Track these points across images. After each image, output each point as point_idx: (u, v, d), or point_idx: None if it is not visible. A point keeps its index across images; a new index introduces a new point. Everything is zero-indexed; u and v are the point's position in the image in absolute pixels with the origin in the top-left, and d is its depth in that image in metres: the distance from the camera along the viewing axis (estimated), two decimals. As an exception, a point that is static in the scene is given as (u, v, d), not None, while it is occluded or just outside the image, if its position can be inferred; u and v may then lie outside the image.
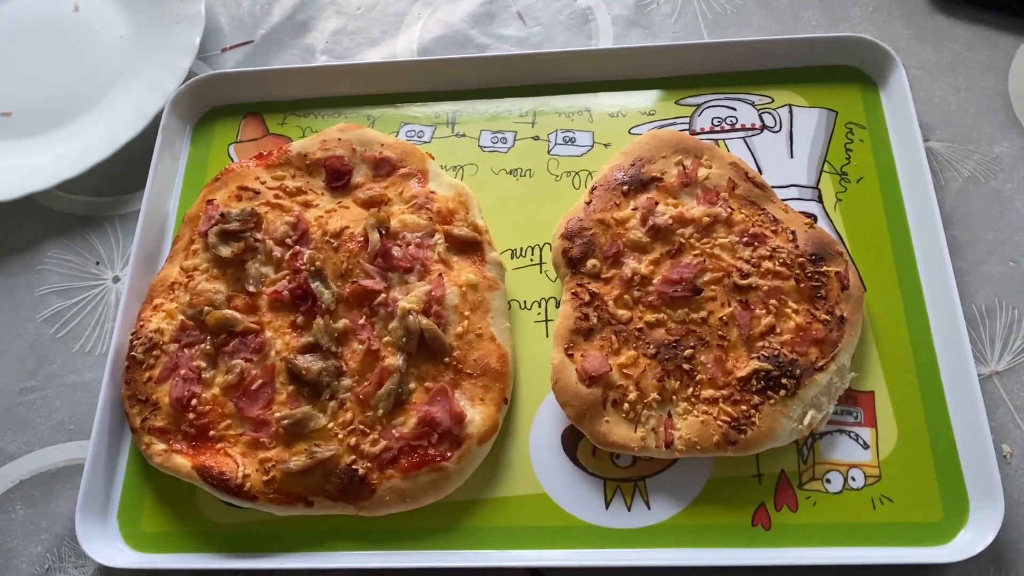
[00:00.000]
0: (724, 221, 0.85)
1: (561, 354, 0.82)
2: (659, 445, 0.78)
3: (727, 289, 0.82)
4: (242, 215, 0.90)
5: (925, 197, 0.87)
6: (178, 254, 0.93)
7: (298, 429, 0.81)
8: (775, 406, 0.77)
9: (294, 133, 1.04)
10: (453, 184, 0.93)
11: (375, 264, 0.87)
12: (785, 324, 0.80)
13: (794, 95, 0.99)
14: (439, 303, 0.85)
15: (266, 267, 0.89)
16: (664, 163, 0.89)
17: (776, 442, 0.77)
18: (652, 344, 0.81)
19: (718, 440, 0.77)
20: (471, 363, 0.83)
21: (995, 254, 0.89)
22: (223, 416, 0.83)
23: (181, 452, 0.82)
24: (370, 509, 0.79)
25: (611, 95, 1.02)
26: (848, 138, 0.95)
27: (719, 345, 0.80)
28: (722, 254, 0.84)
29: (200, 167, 1.03)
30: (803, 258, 0.83)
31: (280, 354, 0.85)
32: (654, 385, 0.79)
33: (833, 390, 0.79)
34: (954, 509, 0.76)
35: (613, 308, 0.83)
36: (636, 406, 0.79)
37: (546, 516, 0.80)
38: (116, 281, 0.99)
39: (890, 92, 0.96)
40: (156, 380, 0.85)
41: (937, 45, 1.03)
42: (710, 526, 0.78)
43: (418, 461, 0.79)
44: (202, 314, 0.86)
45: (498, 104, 1.03)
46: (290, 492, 0.79)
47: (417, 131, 1.02)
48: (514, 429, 0.84)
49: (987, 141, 0.96)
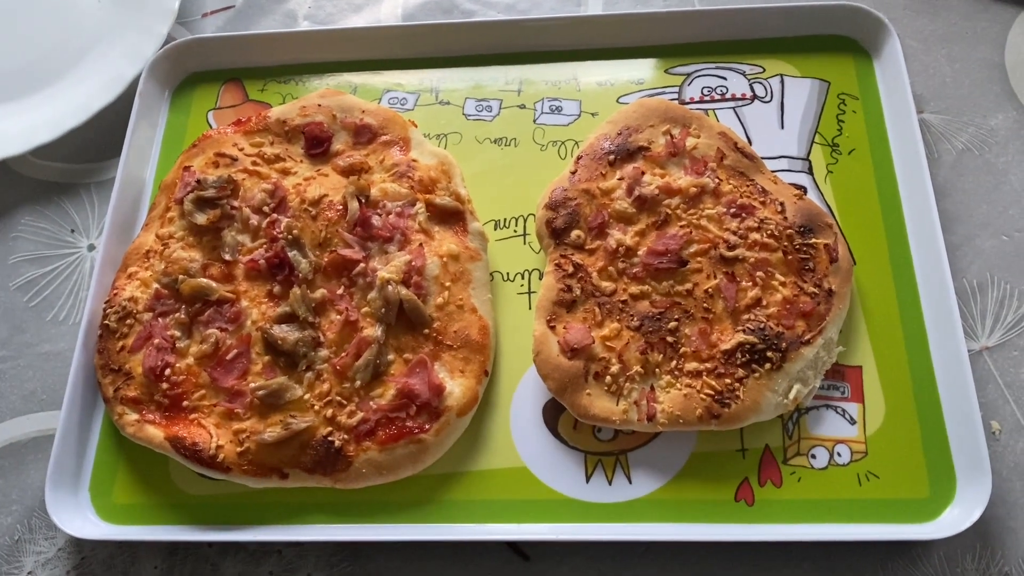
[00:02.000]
0: (711, 192, 0.83)
1: (543, 326, 0.80)
2: (641, 419, 0.76)
3: (713, 261, 0.80)
4: (219, 182, 0.88)
5: (918, 169, 0.85)
6: (154, 222, 0.91)
7: (273, 400, 0.79)
8: (760, 380, 0.76)
9: (274, 100, 1.01)
10: (436, 152, 0.91)
11: (354, 233, 0.85)
12: (772, 297, 0.79)
13: (786, 65, 0.97)
14: (419, 273, 0.83)
15: (242, 235, 0.87)
16: (651, 132, 0.87)
17: (760, 416, 0.76)
18: (636, 316, 0.79)
19: (701, 414, 0.75)
20: (451, 335, 0.81)
21: (988, 228, 0.88)
22: (197, 386, 0.81)
23: (154, 422, 0.80)
24: (346, 481, 0.78)
25: (599, 64, 0.99)
26: (840, 109, 0.93)
27: (704, 318, 0.79)
28: (709, 225, 0.82)
29: (178, 134, 1.01)
30: (791, 230, 0.81)
31: (256, 324, 0.83)
32: (637, 358, 0.78)
33: (820, 364, 0.78)
34: (941, 486, 0.75)
35: (597, 280, 0.81)
36: (618, 379, 0.77)
37: (526, 490, 0.78)
38: (91, 249, 0.97)
39: (884, 62, 0.94)
40: (129, 349, 0.83)
41: (932, 15, 1.01)
42: (692, 501, 0.76)
43: (396, 433, 0.77)
44: (177, 283, 0.84)
45: (483, 72, 1.00)
46: (264, 464, 0.78)
47: (400, 98, 1.00)
48: (494, 402, 0.82)
49: (982, 113, 0.94)
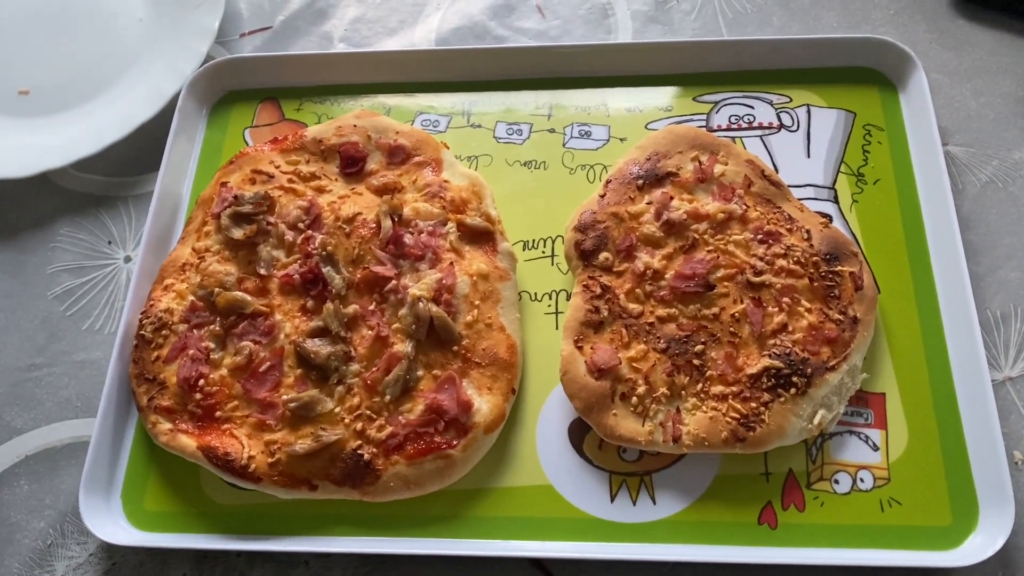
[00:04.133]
0: (739, 218, 0.85)
1: (571, 346, 0.81)
2: (667, 440, 0.77)
3: (740, 286, 0.82)
4: (255, 198, 0.90)
5: (942, 201, 0.87)
6: (190, 235, 0.93)
7: (305, 412, 0.81)
8: (785, 404, 0.77)
9: (310, 119, 1.04)
10: (467, 174, 0.93)
11: (387, 251, 0.87)
12: (797, 323, 0.80)
13: (812, 95, 0.98)
14: (450, 291, 0.84)
15: (278, 250, 0.89)
16: (680, 158, 0.89)
17: (785, 441, 0.77)
18: (662, 339, 0.80)
19: (726, 436, 0.76)
20: (480, 352, 0.83)
21: (1012, 260, 0.89)
22: (230, 397, 0.83)
23: (187, 432, 0.82)
24: (374, 495, 0.79)
25: (628, 90, 1.01)
26: (866, 140, 0.95)
27: (730, 342, 0.80)
28: (736, 251, 0.83)
29: (215, 150, 1.03)
30: (817, 257, 0.82)
31: (289, 337, 0.84)
32: (663, 380, 0.79)
33: (844, 390, 0.79)
34: (963, 514, 0.75)
35: (624, 302, 0.82)
36: (644, 400, 0.78)
37: (550, 508, 0.79)
38: (127, 261, 0.99)
39: (909, 95, 0.96)
40: (164, 360, 0.85)
41: (958, 49, 1.03)
42: (716, 523, 0.77)
43: (424, 448, 0.79)
44: (212, 295, 0.86)
45: (514, 96, 1.02)
46: (294, 475, 0.79)
47: (432, 120, 1.02)
48: (521, 420, 0.83)
49: (1006, 147, 0.95)
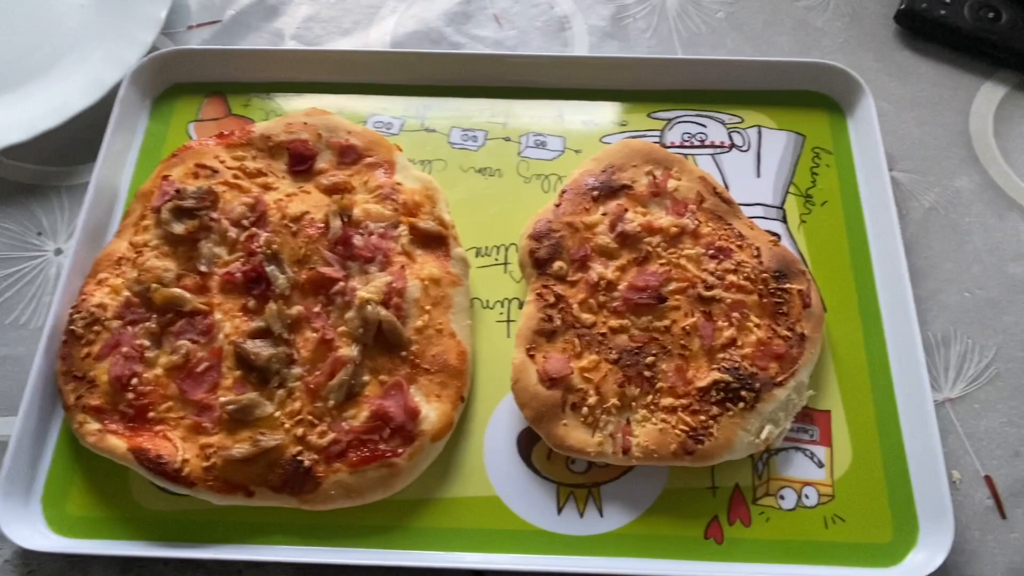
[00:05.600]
0: (691, 233, 0.85)
1: (523, 354, 0.80)
2: (616, 452, 0.76)
3: (691, 300, 0.82)
4: (198, 192, 0.87)
5: (888, 224, 0.88)
6: (127, 229, 0.89)
7: (243, 416, 0.77)
8: (733, 418, 0.77)
9: (258, 116, 1.01)
10: (420, 177, 0.91)
11: (335, 252, 0.85)
12: (747, 338, 0.80)
13: (764, 117, 1.00)
14: (400, 295, 0.82)
15: (220, 248, 0.86)
16: (635, 172, 0.89)
17: (733, 455, 0.77)
18: (615, 350, 0.80)
19: (675, 449, 0.76)
20: (429, 358, 0.81)
21: (952, 284, 0.91)
22: (164, 398, 0.79)
23: (117, 433, 0.78)
24: (313, 503, 0.76)
25: (584, 104, 1.01)
26: (815, 162, 0.96)
27: (680, 354, 0.80)
28: (688, 265, 0.83)
29: (157, 143, 0.99)
30: (767, 274, 0.83)
31: (229, 338, 0.81)
32: (614, 391, 0.78)
33: (791, 406, 0.79)
34: (904, 531, 0.76)
35: (577, 311, 0.82)
36: (595, 411, 0.77)
37: (496, 519, 0.77)
38: (58, 254, 0.95)
39: (857, 120, 0.98)
40: (95, 357, 0.81)
41: (903, 79, 1.06)
42: (662, 537, 0.76)
43: (367, 456, 0.76)
44: (149, 291, 0.82)
45: (470, 103, 1.01)
46: (230, 480, 0.76)
47: (385, 123, 1.00)
48: (469, 429, 0.82)
49: (948, 175, 0.98)
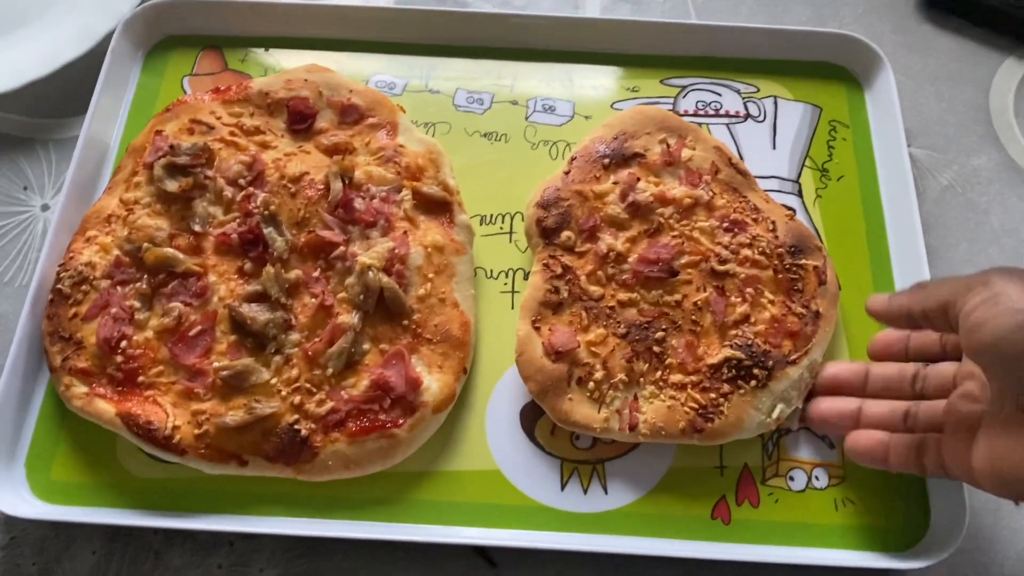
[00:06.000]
0: (705, 205, 0.82)
1: (528, 326, 0.77)
2: (623, 428, 0.74)
3: (704, 274, 0.79)
4: (193, 149, 0.83)
5: (906, 202, 0.86)
6: (118, 185, 0.85)
7: (237, 382, 0.75)
8: (744, 396, 0.74)
9: (255, 71, 0.97)
10: (424, 140, 0.88)
11: (335, 215, 0.81)
12: (760, 314, 0.78)
13: (780, 87, 0.97)
14: (402, 262, 0.79)
15: (215, 207, 0.82)
16: (648, 140, 0.86)
17: (743, 434, 0.75)
18: (623, 324, 0.77)
19: (684, 427, 0.74)
20: (431, 328, 0.78)
21: (968, 265, 0.89)
22: (155, 362, 0.76)
23: (105, 397, 0.75)
24: (310, 473, 0.73)
25: (595, 67, 0.98)
26: (831, 135, 0.93)
27: (691, 330, 0.77)
28: (701, 238, 0.81)
29: (150, 97, 0.95)
30: (782, 249, 0.80)
31: (224, 301, 0.78)
32: (622, 366, 0.75)
33: (803, 385, 0.77)
34: (916, 516, 0.74)
35: (585, 283, 0.79)
36: (602, 386, 0.75)
37: (497, 494, 0.75)
38: (45, 209, 0.91)
39: (875, 94, 0.95)
40: (83, 317, 0.78)
41: (923, 53, 1.03)
42: (668, 516, 0.74)
43: (367, 426, 0.74)
44: (140, 250, 0.79)
45: (477, 64, 0.98)
46: (223, 448, 0.73)
47: (388, 83, 0.96)
48: (471, 401, 0.79)
49: (966, 152, 0.96)
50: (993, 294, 0.55)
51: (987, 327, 0.55)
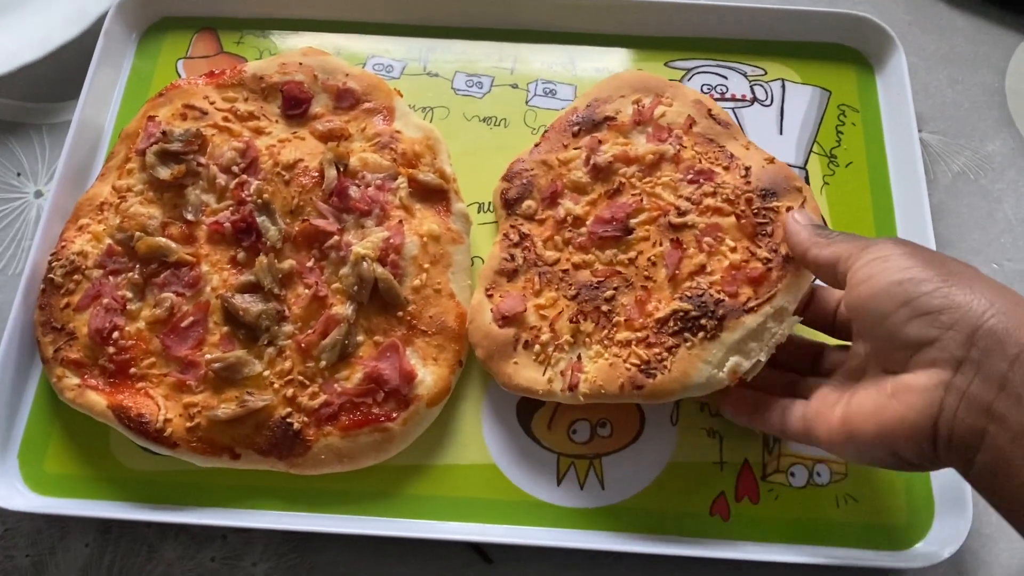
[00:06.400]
0: (671, 159, 0.78)
1: (481, 294, 0.77)
2: (564, 389, 0.71)
3: (661, 228, 0.75)
4: (186, 135, 0.82)
5: (916, 189, 0.83)
6: (111, 172, 0.84)
7: (230, 374, 0.74)
8: (692, 349, 0.69)
9: (251, 54, 0.95)
10: (421, 126, 0.86)
11: (329, 203, 0.80)
12: (718, 264, 0.72)
13: (788, 70, 0.94)
14: (397, 252, 0.78)
15: (208, 195, 0.81)
16: (621, 102, 0.83)
17: (690, 390, 0.68)
18: (574, 286, 0.74)
19: (623, 383, 0.69)
20: (426, 320, 0.77)
21: (980, 255, 0.86)
22: (147, 353, 0.75)
23: (96, 389, 0.74)
24: (303, 467, 0.73)
25: (597, 50, 0.95)
26: (840, 120, 0.91)
27: (643, 287, 0.73)
28: (663, 193, 0.76)
29: (143, 81, 0.94)
30: (751, 194, 0.75)
31: (216, 291, 0.77)
32: (568, 327, 0.73)
33: (767, 336, 0.70)
34: (919, 515, 0.73)
35: (541, 249, 0.77)
36: (547, 348, 0.73)
37: (493, 488, 0.74)
38: (38, 196, 0.90)
39: (887, 77, 0.92)
40: (75, 308, 0.77)
41: (937, 34, 0.99)
42: (666, 512, 0.73)
43: (360, 419, 0.73)
44: (132, 239, 0.78)
45: (476, 46, 0.95)
46: (215, 442, 0.72)
47: (386, 65, 0.94)
48: (466, 394, 0.78)
49: (979, 138, 0.93)
50: (885, 255, 0.57)
51: (869, 282, 0.56)
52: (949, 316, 0.52)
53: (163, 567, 0.73)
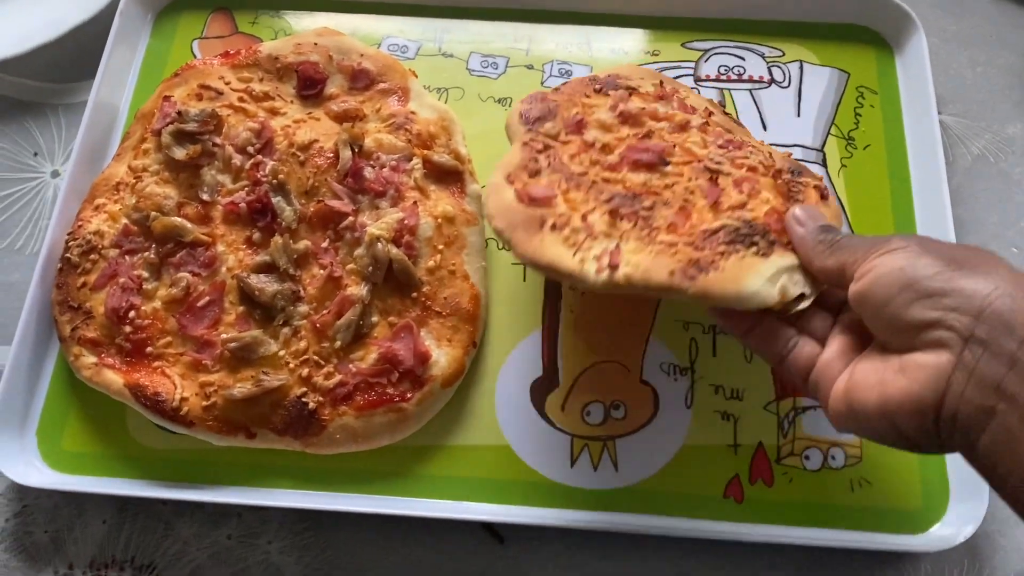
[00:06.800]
0: (698, 127, 0.73)
1: (500, 178, 0.68)
2: (600, 270, 0.61)
3: (696, 170, 0.69)
4: (201, 115, 0.82)
5: (935, 172, 0.82)
6: (127, 152, 0.84)
7: (245, 354, 0.74)
8: (744, 260, 0.61)
9: (266, 34, 0.95)
10: (436, 107, 0.86)
11: (344, 184, 0.80)
12: (760, 208, 0.66)
13: (806, 51, 0.93)
14: (411, 233, 0.78)
15: (223, 175, 0.81)
16: (640, 82, 0.78)
17: (742, 297, 0.59)
18: (607, 192, 0.67)
19: (674, 271, 0.60)
20: (441, 301, 0.77)
21: (998, 239, 0.85)
22: (163, 332, 0.76)
23: (113, 367, 0.75)
24: (317, 446, 0.73)
25: (613, 30, 0.94)
26: (859, 102, 0.90)
27: (682, 208, 0.66)
28: (694, 148, 0.71)
29: (159, 61, 0.94)
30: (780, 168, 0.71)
31: (232, 271, 0.77)
32: (603, 220, 0.65)
33: (809, 278, 0.64)
34: (934, 499, 0.73)
35: (567, 161, 0.70)
36: (579, 234, 0.64)
37: (506, 469, 0.74)
38: (55, 176, 0.90)
39: (906, 58, 0.91)
40: (91, 287, 0.77)
41: (958, 15, 0.98)
42: (679, 494, 0.73)
43: (375, 400, 0.73)
44: (148, 219, 0.78)
45: (491, 26, 0.95)
46: (231, 421, 0.73)
47: (401, 46, 0.94)
48: (480, 375, 0.78)
49: (1000, 120, 0.92)
50: (892, 249, 0.55)
51: (872, 273, 0.55)
52: (952, 299, 0.51)
53: (179, 544, 0.74)
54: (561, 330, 0.79)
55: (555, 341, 0.79)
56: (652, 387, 0.77)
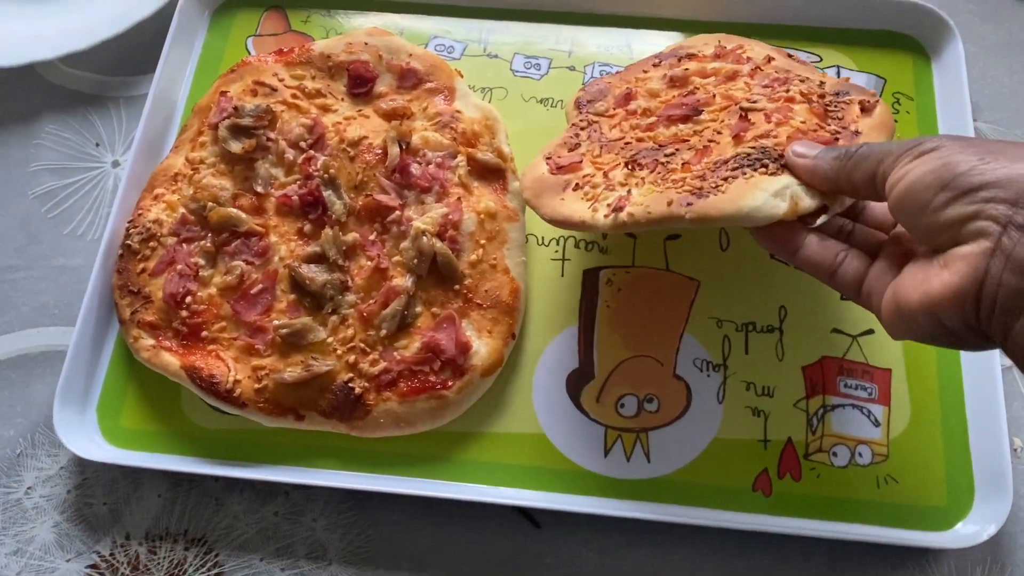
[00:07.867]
0: (748, 74, 0.77)
1: (539, 157, 0.77)
2: (608, 216, 0.66)
3: (730, 112, 0.72)
4: (256, 111, 0.85)
5: (968, 177, 0.84)
6: (184, 144, 0.88)
7: (296, 340, 0.78)
8: (749, 180, 0.62)
9: (317, 33, 0.98)
10: (480, 106, 0.89)
11: (392, 179, 0.83)
12: (785, 131, 0.67)
13: (843, 57, 0.95)
14: (455, 228, 0.81)
15: (277, 169, 0.85)
16: (703, 46, 0.83)
17: (743, 215, 0.59)
18: (634, 150, 0.73)
19: (671, 200, 0.62)
20: (482, 293, 0.80)
21: (1030, 245, 0.86)
22: (218, 317, 0.79)
23: (170, 350, 0.79)
24: (362, 430, 0.77)
25: (655, 33, 0.97)
26: (895, 108, 0.91)
27: (704, 148, 0.69)
28: (735, 93, 0.74)
29: (215, 57, 0.98)
30: (825, 92, 0.72)
31: (284, 261, 0.81)
32: (623, 172, 0.70)
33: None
34: (959, 497, 0.74)
35: (607, 130, 0.77)
36: (598, 189, 0.70)
37: (541, 457, 0.77)
38: (115, 166, 0.95)
39: (943, 65, 0.92)
40: (150, 273, 0.81)
41: (995, 22, 0.99)
42: (709, 486, 0.76)
43: (418, 386, 0.76)
44: (205, 209, 0.82)
45: (535, 28, 0.98)
46: (281, 403, 0.76)
47: (447, 46, 0.97)
48: (518, 366, 0.81)
49: (1036, 128, 0.93)
50: (924, 149, 0.54)
51: (905, 179, 0.53)
52: (988, 191, 0.50)
53: (229, 519, 0.77)
54: (597, 324, 0.82)
55: (591, 335, 0.82)
56: (685, 382, 0.79)
